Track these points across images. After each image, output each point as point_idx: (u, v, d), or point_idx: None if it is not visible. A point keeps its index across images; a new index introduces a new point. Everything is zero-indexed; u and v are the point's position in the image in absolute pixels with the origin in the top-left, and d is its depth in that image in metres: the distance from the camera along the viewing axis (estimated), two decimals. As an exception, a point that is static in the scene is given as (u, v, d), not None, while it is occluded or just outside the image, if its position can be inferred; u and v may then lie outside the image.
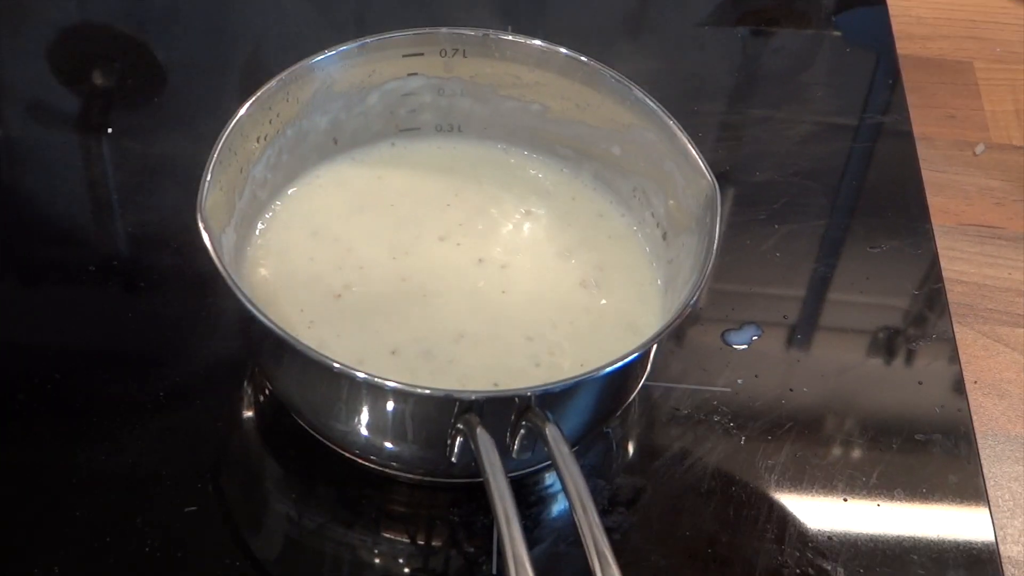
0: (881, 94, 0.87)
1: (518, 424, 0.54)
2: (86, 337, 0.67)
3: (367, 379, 0.52)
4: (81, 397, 0.64)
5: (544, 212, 0.66)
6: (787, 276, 0.74)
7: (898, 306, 0.73)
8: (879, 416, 0.67)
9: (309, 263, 0.63)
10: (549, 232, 0.65)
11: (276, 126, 0.64)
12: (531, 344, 0.60)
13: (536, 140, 0.70)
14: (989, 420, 0.69)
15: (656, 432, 0.65)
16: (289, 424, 0.62)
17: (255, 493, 0.62)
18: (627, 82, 0.64)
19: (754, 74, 0.89)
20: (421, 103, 0.69)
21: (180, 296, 0.69)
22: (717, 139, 0.83)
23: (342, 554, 0.59)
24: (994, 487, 0.65)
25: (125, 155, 0.77)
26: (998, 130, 0.86)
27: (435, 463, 0.58)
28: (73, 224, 0.74)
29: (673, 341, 0.69)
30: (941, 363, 0.70)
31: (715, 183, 0.59)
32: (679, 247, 0.63)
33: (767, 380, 0.68)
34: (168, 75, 0.83)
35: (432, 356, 0.58)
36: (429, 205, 0.64)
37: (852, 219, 0.78)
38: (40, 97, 0.81)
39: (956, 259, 0.77)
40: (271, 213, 0.66)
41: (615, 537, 0.60)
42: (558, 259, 0.64)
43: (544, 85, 0.67)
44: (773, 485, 0.63)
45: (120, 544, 0.58)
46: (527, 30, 0.69)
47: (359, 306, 0.60)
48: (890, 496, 0.63)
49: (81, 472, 0.60)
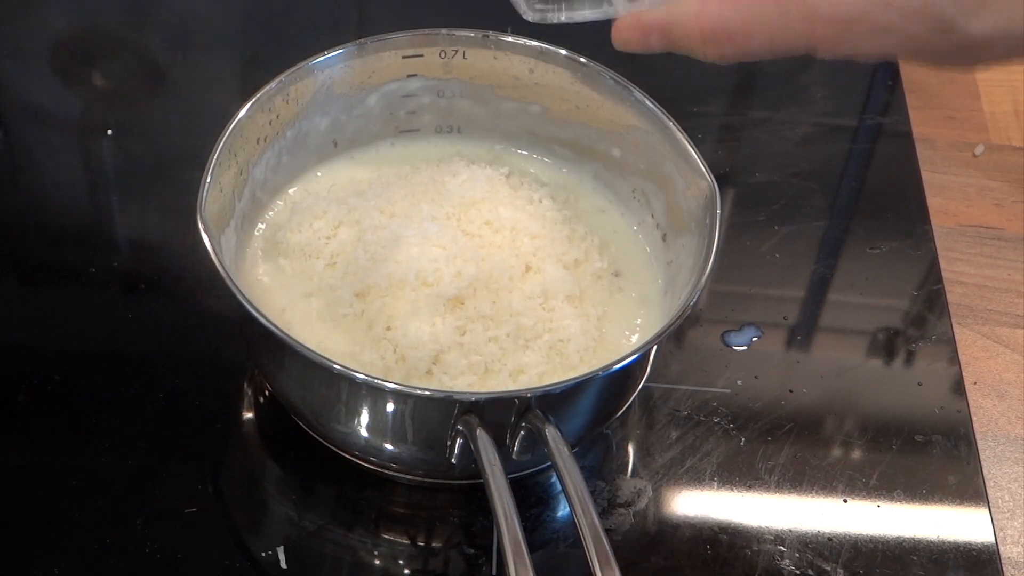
0: (881, 95, 0.87)
1: (518, 425, 0.54)
2: (86, 337, 0.67)
3: (367, 380, 0.52)
4: (81, 397, 0.64)
5: (543, 213, 0.66)
6: (787, 277, 0.74)
7: (898, 307, 0.73)
8: (879, 417, 0.67)
9: (309, 264, 0.63)
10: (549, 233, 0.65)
11: (276, 127, 0.64)
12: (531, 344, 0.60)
13: (536, 141, 0.70)
14: (989, 421, 0.69)
15: (656, 433, 0.65)
16: (289, 425, 0.62)
17: (255, 494, 0.62)
18: (627, 83, 0.64)
19: (754, 75, 0.89)
20: (421, 104, 0.69)
21: (180, 297, 0.69)
22: (717, 140, 0.83)
23: (342, 555, 0.59)
24: (994, 488, 0.65)
25: (125, 155, 0.77)
26: (998, 131, 0.86)
27: (435, 464, 0.58)
28: (73, 224, 0.74)
29: (673, 342, 0.69)
30: (941, 364, 0.70)
31: (715, 184, 0.60)
32: (679, 248, 0.63)
33: (767, 381, 0.68)
34: (168, 75, 0.83)
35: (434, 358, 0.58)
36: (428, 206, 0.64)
37: (852, 220, 0.78)
38: (40, 97, 0.81)
39: (956, 260, 0.77)
40: (271, 214, 0.66)
41: (615, 538, 0.60)
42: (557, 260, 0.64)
43: (544, 86, 0.67)
44: (773, 486, 0.63)
45: (120, 545, 0.58)
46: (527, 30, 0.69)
47: (361, 308, 0.60)
48: (890, 497, 0.63)
49: (81, 472, 0.60)
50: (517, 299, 0.60)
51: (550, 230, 0.65)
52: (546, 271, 0.62)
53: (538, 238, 0.64)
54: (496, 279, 0.60)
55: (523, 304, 0.60)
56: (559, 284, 0.62)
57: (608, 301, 0.64)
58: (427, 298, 0.59)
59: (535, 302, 0.60)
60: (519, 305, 0.60)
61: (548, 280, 0.62)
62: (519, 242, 0.63)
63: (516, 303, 0.60)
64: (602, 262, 0.65)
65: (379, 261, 0.61)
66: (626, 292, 0.65)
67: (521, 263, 0.62)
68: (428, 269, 0.59)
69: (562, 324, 0.60)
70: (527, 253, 0.63)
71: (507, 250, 0.62)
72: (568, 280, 0.62)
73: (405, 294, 0.59)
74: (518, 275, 0.61)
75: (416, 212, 0.63)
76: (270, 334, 0.52)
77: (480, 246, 0.62)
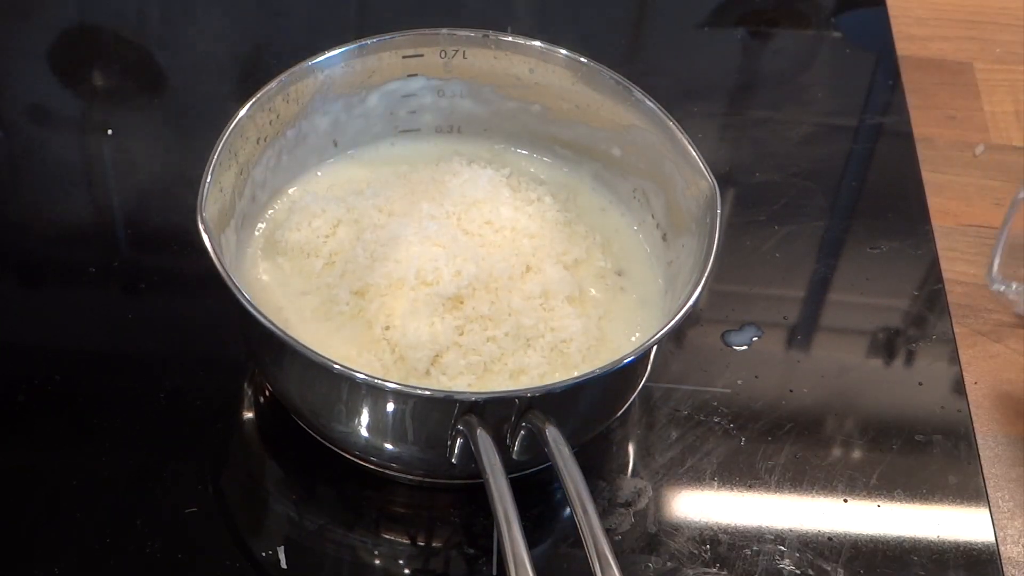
0: (881, 95, 0.87)
1: (518, 425, 0.54)
2: (86, 337, 0.67)
3: (367, 380, 0.52)
4: (81, 397, 0.64)
5: (543, 213, 0.66)
6: (787, 277, 0.74)
7: (898, 307, 0.73)
8: (879, 417, 0.67)
9: (308, 263, 0.63)
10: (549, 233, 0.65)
11: (276, 127, 0.64)
12: (532, 344, 0.60)
13: (536, 141, 0.70)
14: (989, 421, 0.68)
15: (656, 433, 0.65)
16: (289, 425, 0.62)
17: (255, 494, 0.62)
18: (627, 83, 0.64)
19: (754, 75, 0.89)
20: (421, 104, 0.69)
21: (180, 297, 0.69)
22: (717, 140, 0.83)
23: (342, 555, 0.59)
24: (994, 488, 0.65)
25: (125, 155, 0.77)
26: (998, 131, 0.86)
27: (435, 464, 0.58)
28: (73, 224, 0.74)
29: (673, 342, 0.69)
30: (941, 364, 0.70)
31: (715, 184, 0.60)
32: (679, 248, 0.63)
33: (767, 381, 0.68)
34: (168, 75, 0.83)
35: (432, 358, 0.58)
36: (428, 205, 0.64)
37: (852, 220, 0.78)
38: (40, 97, 0.81)
39: (956, 260, 0.77)
40: (271, 213, 0.66)
41: (615, 538, 0.60)
42: (558, 260, 0.64)
43: (544, 86, 0.67)
44: (773, 486, 0.63)
45: (120, 545, 0.58)
46: (527, 30, 0.69)
47: (360, 307, 0.60)
48: (890, 497, 0.63)
49: (81, 472, 0.60)
50: (517, 299, 0.60)
51: (550, 230, 0.65)
52: (546, 271, 0.62)
53: (538, 238, 0.64)
54: (496, 279, 0.60)
55: (523, 304, 0.60)
56: (559, 284, 0.62)
57: (608, 301, 0.64)
58: (426, 297, 0.59)
59: (535, 302, 0.60)
60: (519, 305, 0.60)
61: (548, 280, 0.62)
62: (519, 242, 0.63)
63: (516, 303, 0.60)
64: (602, 262, 0.65)
65: (378, 260, 0.61)
66: (627, 292, 0.65)
67: (521, 263, 0.62)
68: (427, 268, 0.59)
69: (563, 324, 0.60)
70: (527, 253, 0.63)
71: (507, 250, 0.62)
72: (568, 280, 0.62)
73: (404, 293, 0.59)
74: (518, 275, 0.61)
75: (416, 211, 0.63)
76: (270, 334, 0.52)
77: (480, 245, 0.62)
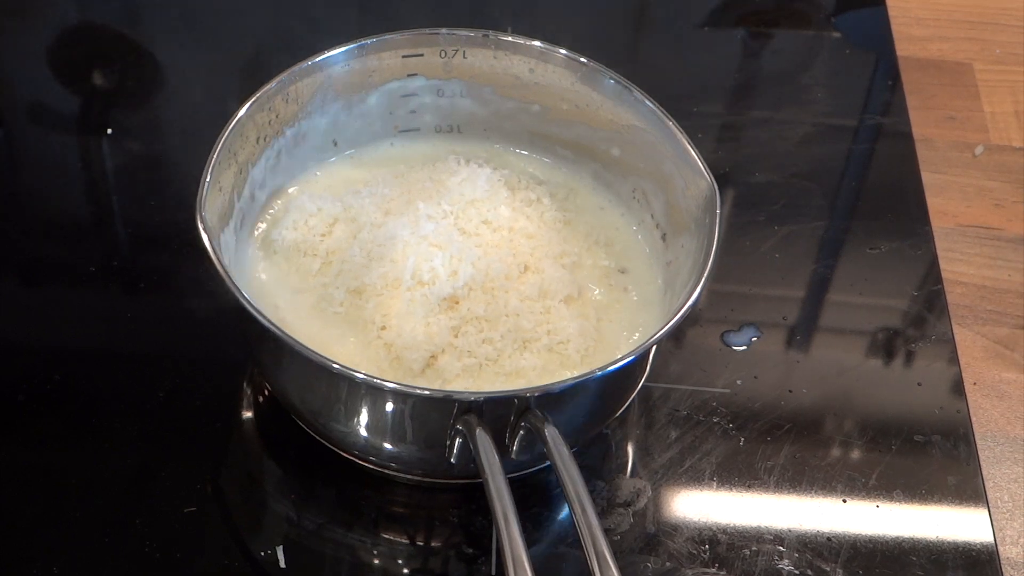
0: (881, 95, 0.87)
1: (517, 425, 0.54)
2: (86, 337, 0.67)
3: (366, 380, 0.52)
4: (81, 397, 0.64)
5: (542, 213, 0.66)
6: (786, 277, 0.74)
7: (897, 307, 0.73)
8: (878, 417, 0.67)
9: (305, 262, 0.63)
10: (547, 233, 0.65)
11: (276, 127, 0.64)
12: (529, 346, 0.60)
13: (536, 141, 0.70)
14: (988, 421, 0.69)
15: (655, 433, 0.65)
16: (288, 425, 0.62)
17: (254, 494, 0.62)
18: (627, 83, 0.64)
19: (754, 75, 0.89)
20: (421, 104, 0.69)
21: (180, 296, 0.69)
22: (717, 140, 0.83)
23: (341, 555, 0.59)
24: (993, 488, 0.65)
25: (125, 155, 0.77)
26: (998, 131, 0.86)
27: (434, 464, 0.58)
28: (73, 224, 0.74)
29: (672, 342, 0.69)
30: (940, 364, 0.70)
31: (714, 184, 0.60)
32: (678, 248, 0.63)
33: (766, 381, 0.68)
34: (168, 75, 0.83)
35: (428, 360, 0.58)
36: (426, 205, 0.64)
37: (851, 220, 0.78)
38: (40, 97, 0.81)
39: (955, 260, 0.77)
40: (271, 213, 0.66)
41: (614, 538, 0.60)
42: (556, 261, 0.64)
43: (544, 86, 0.67)
44: (772, 486, 0.63)
45: (120, 544, 0.58)
46: (527, 30, 0.69)
47: (356, 306, 0.60)
48: (889, 497, 0.63)
49: (81, 472, 0.60)
50: (514, 299, 0.60)
51: (549, 230, 0.65)
52: (544, 271, 0.62)
53: (536, 238, 0.64)
54: (493, 279, 0.60)
55: (520, 305, 0.60)
56: (558, 284, 0.62)
57: (608, 301, 0.64)
58: (422, 297, 0.59)
59: (533, 302, 0.60)
60: (516, 306, 0.60)
61: (546, 280, 0.62)
62: (517, 242, 0.63)
63: (513, 303, 0.60)
64: (602, 262, 0.65)
65: (375, 259, 0.61)
66: (626, 292, 0.65)
67: (519, 263, 0.62)
68: (424, 268, 0.59)
69: (561, 324, 0.60)
70: (525, 253, 0.63)
71: (505, 250, 0.62)
72: (567, 280, 0.62)
73: (400, 293, 0.59)
74: (515, 275, 0.61)
75: (413, 211, 0.63)
76: (270, 333, 0.52)
77: (477, 245, 0.62)
